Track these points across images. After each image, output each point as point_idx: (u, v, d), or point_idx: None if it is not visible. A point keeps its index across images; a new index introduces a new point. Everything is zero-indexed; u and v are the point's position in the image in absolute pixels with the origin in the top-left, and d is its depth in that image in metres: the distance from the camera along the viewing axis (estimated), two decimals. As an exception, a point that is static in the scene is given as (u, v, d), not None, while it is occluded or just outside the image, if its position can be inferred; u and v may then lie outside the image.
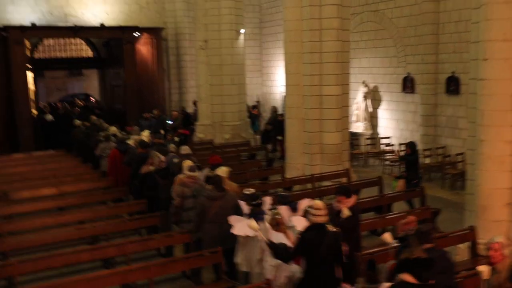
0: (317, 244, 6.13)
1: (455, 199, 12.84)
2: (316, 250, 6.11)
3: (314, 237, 6.18)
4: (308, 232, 6.27)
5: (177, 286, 8.52)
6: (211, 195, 8.13)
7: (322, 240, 6.13)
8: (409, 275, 4.39)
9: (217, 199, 8.07)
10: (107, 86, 23.45)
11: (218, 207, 8.00)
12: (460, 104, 14.85)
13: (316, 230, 6.22)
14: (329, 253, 6.16)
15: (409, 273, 4.40)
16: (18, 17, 20.44)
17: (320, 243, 6.12)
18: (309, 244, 6.17)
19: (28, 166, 15.00)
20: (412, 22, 16.27)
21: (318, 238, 6.15)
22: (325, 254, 6.12)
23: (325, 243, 6.11)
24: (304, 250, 6.24)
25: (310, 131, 13.06)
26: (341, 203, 7.48)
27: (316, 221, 6.24)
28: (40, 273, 8.31)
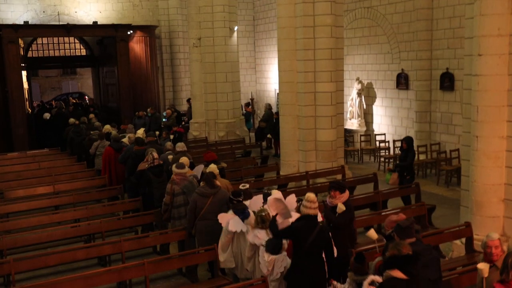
0: (305, 233, 6.30)
1: (450, 195, 12.90)
2: (304, 239, 6.27)
3: (303, 227, 6.35)
4: (299, 222, 6.46)
5: (173, 284, 8.51)
6: (203, 192, 8.25)
7: (311, 231, 6.30)
8: (398, 272, 4.56)
9: (209, 196, 8.18)
10: (101, 85, 23.36)
11: (210, 203, 8.13)
12: (454, 100, 14.90)
13: (306, 220, 6.42)
14: (316, 244, 6.30)
15: (398, 269, 4.56)
16: (11, 16, 20.39)
17: (308, 233, 6.29)
18: (298, 231, 6.34)
19: (23, 165, 14.94)
20: (406, 18, 16.30)
21: (307, 228, 6.33)
22: (312, 244, 6.25)
23: (313, 233, 6.27)
24: (292, 236, 6.43)
25: (304, 128, 13.08)
26: (335, 198, 7.60)
27: (308, 212, 6.43)
28: (36, 271, 8.30)
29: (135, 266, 7.39)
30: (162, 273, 8.46)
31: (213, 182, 8.34)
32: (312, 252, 6.32)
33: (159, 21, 23.50)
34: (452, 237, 8.45)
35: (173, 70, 24.21)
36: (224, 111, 18.75)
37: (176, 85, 24.30)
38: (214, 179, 8.43)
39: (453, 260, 8.30)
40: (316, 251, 6.37)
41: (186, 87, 23.28)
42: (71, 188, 12.30)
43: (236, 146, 16.96)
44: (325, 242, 6.44)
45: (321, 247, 6.40)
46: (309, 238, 6.26)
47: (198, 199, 8.25)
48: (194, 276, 8.42)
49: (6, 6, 20.42)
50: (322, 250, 6.43)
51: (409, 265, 4.60)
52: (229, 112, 18.86)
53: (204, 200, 8.20)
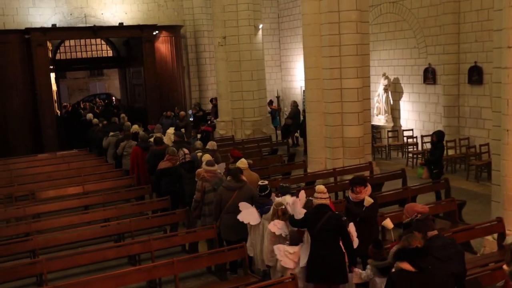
0: (314, 221, 6.64)
1: (481, 191, 12.70)
2: (312, 227, 6.63)
3: (313, 216, 6.71)
4: (311, 211, 6.85)
5: (202, 282, 8.55)
6: (229, 186, 8.48)
7: (319, 218, 6.61)
8: (407, 264, 4.66)
9: (234, 190, 8.39)
10: (128, 85, 23.59)
11: (235, 197, 8.31)
12: (483, 94, 14.64)
13: (317, 209, 6.77)
14: (324, 230, 6.56)
15: (407, 261, 4.66)
16: (40, 19, 20.73)
17: (317, 220, 6.61)
18: (308, 221, 6.73)
19: (53, 165, 15.20)
20: (432, 12, 16.08)
21: (317, 217, 6.66)
22: (320, 230, 6.55)
23: (321, 222, 6.56)
24: (304, 224, 6.84)
25: (331, 125, 13.01)
26: (360, 193, 7.65)
27: (319, 202, 6.79)
28: (67, 270, 8.42)
29: (164, 265, 7.44)
30: (192, 271, 8.50)
31: (239, 177, 8.52)
32: (323, 239, 6.56)
33: (184, 21, 23.62)
34: (483, 232, 8.32)
35: (198, 70, 24.32)
36: (250, 109, 18.78)
37: (202, 84, 24.40)
38: (240, 174, 8.60)
39: (485, 256, 8.17)
40: (327, 238, 6.57)
41: (212, 86, 23.36)
42: (100, 188, 12.46)
43: (262, 144, 16.95)
44: (336, 228, 6.62)
45: (332, 232, 6.59)
46: (317, 225, 6.58)
47: (223, 192, 8.48)
48: (223, 274, 8.46)
49: (34, 9, 20.78)
50: (335, 237, 6.62)
51: (418, 258, 4.65)
52: (255, 110, 18.88)
53: (230, 193, 8.41)
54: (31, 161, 16.08)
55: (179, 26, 22.86)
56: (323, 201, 6.79)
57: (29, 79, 19.34)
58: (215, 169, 9.31)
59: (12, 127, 19.35)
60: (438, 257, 5.37)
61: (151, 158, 11.90)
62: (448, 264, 5.41)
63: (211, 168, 9.25)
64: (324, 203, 6.79)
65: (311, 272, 6.67)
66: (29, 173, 14.31)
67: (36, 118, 19.51)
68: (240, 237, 8.26)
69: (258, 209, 7.95)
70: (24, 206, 10.84)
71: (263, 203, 7.95)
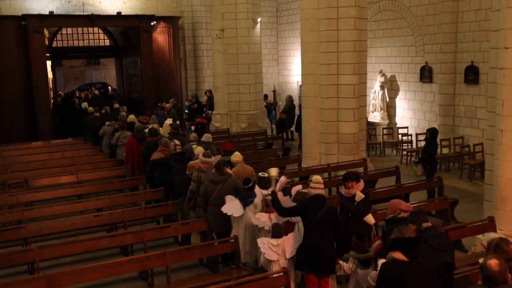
0: (313, 210, 6.66)
1: (473, 190, 12.77)
2: (312, 216, 6.62)
3: (312, 204, 6.73)
4: (308, 200, 6.85)
5: (194, 274, 8.58)
6: (213, 179, 8.66)
7: (319, 208, 6.65)
8: (400, 253, 4.82)
9: (218, 183, 8.56)
10: (124, 75, 23.53)
11: (219, 190, 8.49)
12: (479, 93, 14.69)
13: (315, 199, 6.76)
14: (323, 220, 6.62)
15: (400, 251, 4.83)
16: (37, 6, 20.59)
17: (316, 210, 6.64)
18: (306, 209, 6.72)
19: (47, 154, 15.17)
20: (430, 10, 16.09)
21: (315, 206, 6.69)
22: (319, 220, 6.59)
23: (321, 210, 6.61)
24: (301, 213, 6.84)
25: (326, 121, 13.03)
26: (352, 188, 7.68)
27: (316, 192, 6.81)
28: (60, 259, 8.44)
29: (156, 256, 7.48)
30: (184, 263, 8.54)
31: (223, 170, 8.71)
32: (319, 228, 6.63)
33: (182, 12, 23.53)
34: (475, 231, 8.37)
35: (195, 61, 24.24)
36: (246, 103, 18.76)
37: (199, 76, 24.35)
38: (224, 167, 8.78)
39: (476, 254, 8.21)
40: (324, 228, 6.66)
41: (209, 78, 23.30)
42: (93, 177, 12.47)
43: (258, 138, 16.96)
44: (333, 219, 6.73)
45: (329, 223, 6.68)
46: (317, 215, 6.59)
47: (208, 185, 8.68)
48: (215, 267, 8.49)
49: (32, -4, 20.66)
50: (330, 228, 6.71)
51: (410, 248, 4.82)
52: (251, 103, 18.86)
53: (214, 186, 8.59)
54: (25, 149, 16.03)
55: (177, 17, 22.78)
56: (319, 191, 6.83)
57: (25, 66, 19.23)
58: (211, 161, 9.44)
59: (7, 114, 19.25)
60: (433, 246, 5.62)
61: (146, 149, 11.91)
62: (442, 253, 5.66)
63: (208, 159, 9.40)
64: (321, 193, 6.84)
65: (304, 261, 6.74)
66: (23, 161, 14.27)
67: (31, 106, 19.40)
68: (225, 229, 8.49)
69: (241, 201, 8.13)
70: (17, 194, 10.83)
71: (247, 195, 8.14)
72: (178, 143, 10.86)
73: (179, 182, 10.30)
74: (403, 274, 4.80)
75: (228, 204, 8.19)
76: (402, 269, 4.80)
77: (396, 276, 4.81)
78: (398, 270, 4.82)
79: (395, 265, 4.84)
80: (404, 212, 6.28)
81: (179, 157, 10.58)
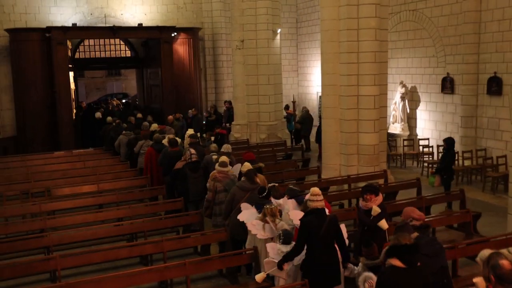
0: (316, 226, 6.60)
1: (497, 203, 12.56)
2: (316, 232, 6.57)
3: (313, 220, 6.67)
4: (308, 216, 6.76)
5: (213, 285, 8.57)
6: (243, 186, 8.74)
7: (321, 223, 6.61)
8: (397, 260, 4.90)
9: (248, 191, 8.64)
10: (145, 86, 23.75)
11: (247, 198, 8.53)
12: (502, 105, 14.52)
13: (315, 214, 6.72)
14: (328, 235, 6.62)
15: (397, 258, 4.90)
16: (61, 18, 20.95)
17: (319, 225, 6.59)
18: (309, 226, 6.63)
19: (69, 163, 15.35)
20: (452, 21, 15.98)
21: (317, 220, 6.64)
22: (324, 235, 6.57)
23: (324, 225, 6.58)
24: (306, 231, 6.66)
25: (346, 132, 12.97)
26: (370, 201, 7.58)
27: (315, 206, 6.74)
28: (80, 267, 8.49)
29: (176, 266, 7.48)
30: (203, 273, 8.52)
31: (254, 179, 8.82)
32: (324, 244, 6.62)
33: (202, 23, 23.73)
34: (498, 245, 8.21)
35: (215, 72, 24.39)
36: (266, 114, 18.79)
37: (219, 87, 24.47)
38: (255, 176, 8.89)
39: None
40: (328, 241, 6.67)
41: (229, 89, 23.41)
42: (114, 187, 12.56)
43: (277, 148, 16.95)
44: (335, 232, 6.74)
45: (332, 237, 6.71)
46: (321, 231, 6.55)
47: (237, 192, 8.73)
48: (235, 278, 8.46)
49: (56, 9, 21.01)
50: (333, 239, 6.73)
51: (407, 254, 4.89)
52: (271, 114, 18.88)
53: (242, 194, 8.66)
54: (47, 158, 16.25)
55: (197, 28, 22.97)
56: (318, 203, 6.78)
57: (48, 77, 19.55)
58: (227, 170, 9.57)
59: (31, 124, 19.60)
60: (427, 254, 5.69)
61: (166, 160, 11.96)
62: (436, 259, 5.81)
63: (223, 169, 9.54)
64: (320, 206, 6.79)
65: (311, 277, 6.62)
66: (46, 170, 14.47)
67: (54, 116, 19.70)
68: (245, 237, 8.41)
69: (257, 209, 8.14)
70: (40, 203, 10.97)
71: (262, 204, 8.11)
72: (194, 152, 10.88)
73: (194, 191, 10.39)
74: (401, 281, 4.87)
75: (244, 212, 8.22)
76: (400, 276, 4.87)
77: (394, 283, 4.88)
78: (396, 277, 4.89)
79: (393, 272, 4.91)
80: (416, 220, 6.34)
81: (194, 166, 10.59)
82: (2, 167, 15.26)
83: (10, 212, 10.91)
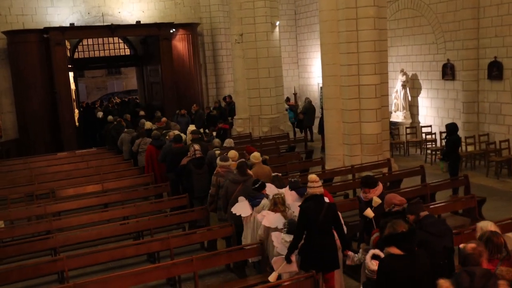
0: (315, 213, 6.68)
1: (501, 187, 12.56)
2: (314, 218, 6.65)
3: (312, 206, 6.75)
4: (307, 203, 6.85)
5: (221, 279, 8.57)
6: (235, 179, 8.88)
7: (320, 208, 6.69)
8: (395, 248, 5.02)
9: (239, 183, 8.77)
10: (145, 83, 23.74)
11: (239, 190, 8.67)
12: (503, 89, 14.48)
13: (313, 200, 6.81)
14: (326, 221, 6.68)
15: (395, 246, 5.02)
16: (58, 19, 20.91)
17: (318, 211, 6.67)
18: (308, 212, 6.70)
19: (72, 164, 15.36)
20: (451, 7, 15.90)
21: (315, 206, 6.73)
22: (322, 222, 6.65)
23: (322, 212, 6.66)
24: (304, 217, 6.72)
25: (349, 122, 12.96)
26: (369, 193, 7.51)
27: (314, 192, 6.84)
28: (87, 267, 8.51)
29: (183, 262, 7.48)
30: (210, 269, 8.53)
31: (245, 171, 8.95)
32: (323, 229, 6.69)
33: (200, 19, 23.67)
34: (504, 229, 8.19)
35: (215, 67, 24.34)
36: (267, 107, 18.78)
37: (219, 81, 24.43)
38: (246, 168, 9.01)
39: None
40: (327, 227, 6.73)
41: (229, 83, 23.38)
42: (118, 186, 12.56)
43: (280, 141, 16.93)
44: (333, 218, 6.79)
45: (330, 223, 6.76)
46: (319, 217, 6.64)
47: (229, 185, 8.89)
48: (242, 272, 8.48)
49: (53, 9, 20.96)
50: (331, 226, 6.79)
51: (405, 242, 5.02)
52: (273, 107, 18.88)
53: (235, 186, 8.81)
54: (51, 160, 16.27)
55: (196, 24, 22.90)
56: (316, 190, 6.86)
57: (48, 78, 19.53)
58: (228, 164, 9.61)
59: (32, 126, 19.59)
60: (432, 233, 5.85)
61: (169, 156, 11.96)
62: (442, 239, 5.89)
63: (224, 163, 9.61)
64: (318, 192, 6.87)
65: (309, 261, 6.75)
66: (49, 172, 14.49)
67: (55, 117, 19.70)
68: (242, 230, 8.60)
69: (249, 201, 8.24)
70: (44, 204, 10.97)
71: (255, 196, 8.24)
72: (198, 148, 10.89)
73: (199, 187, 10.44)
74: (400, 268, 4.99)
75: (238, 204, 8.32)
76: (399, 263, 4.99)
77: (394, 270, 5.00)
78: (395, 264, 5.00)
79: (392, 260, 5.03)
80: (397, 206, 6.49)
81: (198, 162, 10.60)
82: (5, 170, 15.29)
83: (15, 215, 10.92)
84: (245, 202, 8.31)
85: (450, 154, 11.95)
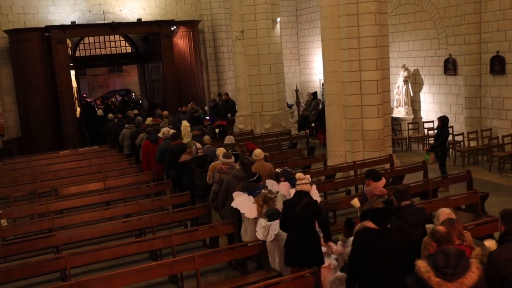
0: (292, 207, 6.98)
1: (504, 182, 12.53)
2: (290, 213, 6.94)
3: (290, 202, 7.14)
4: (290, 199, 7.25)
5: (223, 276, 8.57)
6: (238, 175, 8.87)
7: (297, 204, 6.93)
8: (370, 222, 5.44)
9: (242, 179, 8.75)
10: (147, 81, 23.71)
11: (241, 186, 8.64)
12: (506, 84, 14.45)
13: (297, 196, 7.08)
14: (303, 215, 6.87)
15: (370, 220, 5.44)
16: (59, 17, 20.91)
17: (294, 207, 6.93)
18: (285, 207, 7.10)
19: (74, 162, 15.38)
20: (452, 1, 15.85)
21: (295, 202, 7.01)
22: (298, 215, 6.86)
23: (299, 207, 6.88)
24: (284, 211, 7.10)
25: (350, 118, 12.93)
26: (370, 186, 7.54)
27: (300, 188, 7.09)
28: (90, 265, 8.51)
29: (185, 259, 7.47)
30: (212, 266, 8.53)
31: (249, 168, 8.92)
32: (299, 223, 6.87)
33: (201, 16, 23.64)
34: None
35: (217, 64, 24.31)
36: (269, 103, 18.75)
37: (221, 78, 24.40)
38: (250, 166, 9.03)
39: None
40: (305, 222, 6.90)
41: (231, 80, 23.35)
42: (120, 184, 12.57)
43: (282, 138, 16.92)
44: (312, 214, 6.96)
45: (309, 217, 6.92)
46: (295, 211, 6.88)
47: (231, 180, 8.88)
48: (244, 269, 8.47)
49: (54, 7, 20.96)
50: (310, 222, 6.95)
51: (378, 217, 5.42)
52: (274, 104, 18.85)
53: (237, 182, 8.78)
54: (53, 158, 16.28)
55: (197, 21, 22.87)
56: (303, 187, 7.06)
57: (49, 77, 19.54)
58: (231, 161, 9.58)
59: (34, 124, 19.60)
60: (409, 223, 6.14)
61: (168, 154, 11.94)
62: (417, 229, 6.10)
63: (227, 160, 9.56)
64: (304, 189, 7.06)
65: (288, 257, 7.01)
66: (52, 170, 14.50)
67: (57, 115, 19.71)
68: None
69: (248, 194, 8.28)
70: (47, 203, 10.99)
71: (253, 188, 8.32)
72: (200, 146, 10.87)
73: (201, 185, 10.36)
74: (373, 239, 5.38)
75: (237, 199, 8.32)
76: (372, 235, 5.40)
77: (367, 241, 5.40)
78: (369, 236, 5.42)
79: (366, 232, 5.46)
80: (379, 197, 6.80)
81: (200, 161, 10.53)
82: (8, 169, 15.31)
83: (18, 213, 10.93)
84: (244, 195, 8.31)
85: (442, 146, 12.05)
